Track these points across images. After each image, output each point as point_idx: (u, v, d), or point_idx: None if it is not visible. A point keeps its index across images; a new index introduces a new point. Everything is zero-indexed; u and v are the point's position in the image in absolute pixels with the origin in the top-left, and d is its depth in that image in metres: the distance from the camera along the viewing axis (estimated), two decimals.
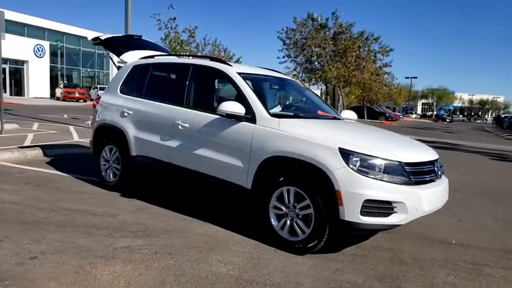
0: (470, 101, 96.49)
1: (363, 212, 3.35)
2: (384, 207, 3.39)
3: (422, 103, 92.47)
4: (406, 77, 61.52)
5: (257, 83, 4.58)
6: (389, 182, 3.41)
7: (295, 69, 20.85)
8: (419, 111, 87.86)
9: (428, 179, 3.68)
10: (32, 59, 37.05)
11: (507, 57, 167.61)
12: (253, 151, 3.92)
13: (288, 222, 3.72)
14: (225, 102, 4.05)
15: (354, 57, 18.74)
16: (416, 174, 3.55)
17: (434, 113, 78.62)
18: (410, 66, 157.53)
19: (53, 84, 39.31)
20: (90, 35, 6.33)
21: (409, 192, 3.44)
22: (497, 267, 3.68)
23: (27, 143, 8.64)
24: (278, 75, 5.15)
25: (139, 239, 3.78)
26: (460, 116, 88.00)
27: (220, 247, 3.72)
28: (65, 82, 38.52)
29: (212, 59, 4.85)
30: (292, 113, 4.39)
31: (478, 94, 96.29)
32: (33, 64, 37.23)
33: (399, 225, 3.48)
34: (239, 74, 4.42)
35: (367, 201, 3.33)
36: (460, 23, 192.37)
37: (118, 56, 5.83)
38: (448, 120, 61.21)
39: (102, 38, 5.98)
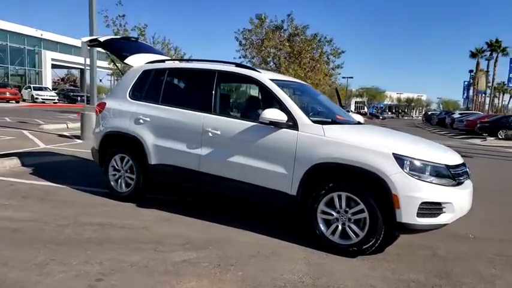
0: (399, 99, 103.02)
1: (419, 214, 3.54)
2: (435, 208, 3.60)
3: (355, 101, 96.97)
4: (343, 77, 63.97)
5: (287, 89, 4.61)
6: (438, 184, 3.63)
7: None
8: (352, 109, 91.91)
9: (463, 180, 3.95)
10: None
11: (430, 59, 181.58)
12: (299, 158, 3.95)
13: (340, 226, 3.81)
14: (267, 110, 4.05)
15: (308, 59, 19.29)
16: (457, 176, 3.81)
17: (366, 110, 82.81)
18: (346, 66, 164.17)
19: None
20: (85, 38, 5.95)
21: (455, 193, 3.69)
22: None
23: None
24: (297, 81, 5.21)
25: (191, 252, 3.67)
26: (389, 113, 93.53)
27: (275, 255, 3.72)
28: None
29: (237, 65, 4.79)
30: (330, 119, 4.48)
31: (405, 93, 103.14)
32: None
33: (446, 224, 3.71)
34: (272, 80, 4.43)
35: (423, 203, 3.53)
36: (390, 25, 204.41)
37: (122, 60, 5.53)
38: (381, 117, 64.94)
39: (101, 39, 5.65)
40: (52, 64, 44.76)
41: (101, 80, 62.94)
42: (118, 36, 5.91)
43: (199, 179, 4.57)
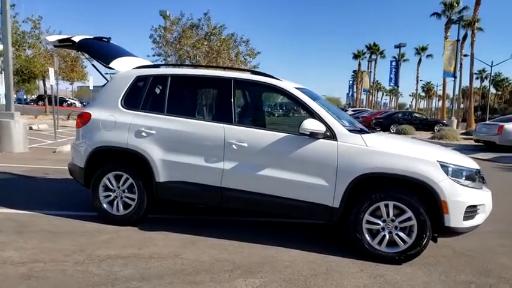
0: None
1: (464, 217, 3.76)
2: (473, 211, 3.86)
3: None
4: None
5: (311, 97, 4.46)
6: (474, 188, 3.90)
7: None
8: None
9: (485, 182, 4.28)
10: None
11: (319, 59, 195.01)
12: (341, 169, 3.90)
13: (387, 235, 3.85)
14: (306, 121, 3.92)
15: (226, 59, 19.15)
16: (482, 179, 4.14)
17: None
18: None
19: None
20: (52, 37, 5.03)
21: (486, 195, 4.01)
22: None
23: None
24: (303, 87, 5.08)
25: (253, 278, 3.38)
26: (280, 110, 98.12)
27: (333, 271, 3.62)
28: None
29: (253, 72, 4.53)
30: (359, 129, 4.47)
31: None
32: None
33: (480, 225, 4.00)
34: (298, 89, 4.30)
35: (468, 207, 3.76)
36: (286, 27, 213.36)
37: (106, 64, 4.83)
38: (276, 115, 67.76)
39: (76, 40, 4.85)
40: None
41: None
42: (91, 36, 5.13)
43: (221, 195, 4.23)
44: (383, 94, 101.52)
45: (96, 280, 3.20)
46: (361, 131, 4.30)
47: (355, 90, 64.98)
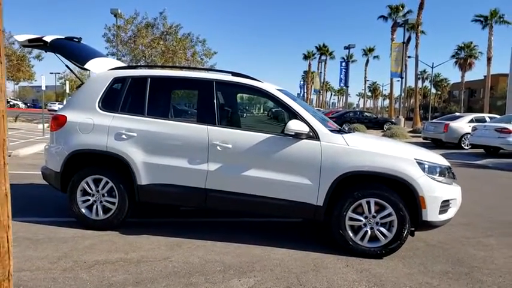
0: (241, 98, 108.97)
1: (440, 211, 4.03)
2: (446, 205, 4.14)
3: None
4: None
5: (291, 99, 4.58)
6: (447, 184, 4.18)
7: None
8: None
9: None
10: None
11: (271, 60, 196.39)
12: (325, 168, 4.04)
13: (369, 231, 4.04)
14: (291, 122, 4.03)
15: (183, 59, 18.93)
16: (453, 175, 4.44)
17: None
18: None
19: None
20: (21, 37, 4.76)
21: (457, 190, 4.31)
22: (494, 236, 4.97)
23: None
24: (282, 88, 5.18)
25: (246, 278, 3.44)
26: None
27: (321, 267, 3.75)
28: None
29: (233, 74, 4.57)
30: (338, 128, 4.64)
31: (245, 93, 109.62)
32: None
33: (451, 218, 4.29)
34: (279, 91, 4.40)
35: (443, 201, 4.03)
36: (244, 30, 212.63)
37: (81, 65, 4.66)
38: None
39: (48, 40, 4.65)
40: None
41: None
42: (62, 36, 4.92)
43: (205, 196, 4.24)
44: (331, 94, 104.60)
45: (90, 287, 3.12)
46: (340, 131, 4.47)
47: (305, 90, 66.36)
